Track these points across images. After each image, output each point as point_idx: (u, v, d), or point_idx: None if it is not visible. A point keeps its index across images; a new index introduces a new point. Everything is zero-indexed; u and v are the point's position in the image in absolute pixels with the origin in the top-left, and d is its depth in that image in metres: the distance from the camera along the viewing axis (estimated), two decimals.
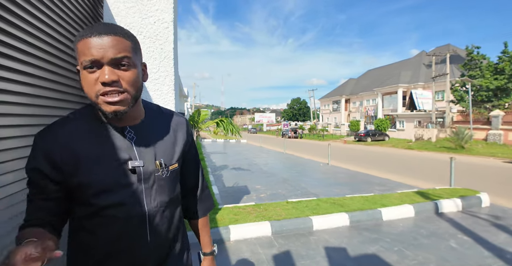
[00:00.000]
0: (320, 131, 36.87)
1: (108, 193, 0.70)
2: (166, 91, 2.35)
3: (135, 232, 0.73)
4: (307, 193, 6.05)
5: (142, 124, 0.78)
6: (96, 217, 0.71)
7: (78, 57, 0.66)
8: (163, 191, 0.78)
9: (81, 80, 0.67)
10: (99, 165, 0.69)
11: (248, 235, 3.35)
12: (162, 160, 0.78)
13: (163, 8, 2.29)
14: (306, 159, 12.92)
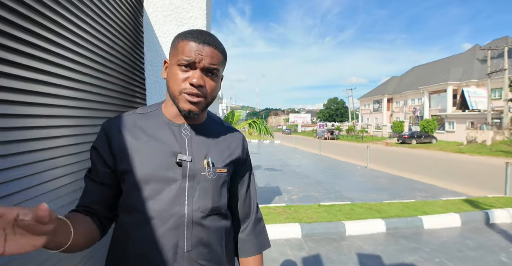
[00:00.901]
0: (359, 133, 35.34)
1: (149, 183, 0.69)
2: None
3: (170, 235, 0.68)
4: (341, 196, 5.87)
5: (200, 125, 0.79)
6: (134, 212, 0.69)
7: (173, 53, 0.71)
8: (207, 194, 0.73)
9: (170, 73, 0.72)
10: (148, 153, 0.71)
11: (277, 236, 3.36)
12: (210, 159, 0.76)
13: (197, 15, 2.40)
14: (342, 161, 12.51)
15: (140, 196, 0.68)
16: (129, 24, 2.25)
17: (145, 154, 0.71)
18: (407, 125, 32.32)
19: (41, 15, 1.10)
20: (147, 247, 0.67)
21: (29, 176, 1.00)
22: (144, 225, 0.68)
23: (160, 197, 0.69)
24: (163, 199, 0.69)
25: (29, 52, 1.04)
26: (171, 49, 0.73)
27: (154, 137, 0.73)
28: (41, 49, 1.10)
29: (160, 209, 0.68)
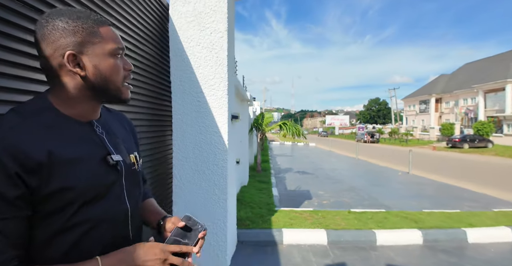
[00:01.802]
0: (403, 136, 33.10)
1: (93, 193, 0.63)
2: (220, 96, 2.50)
3: (120, 231, 0.71)
4: (376, 204, 5.53)
5: (103, 120, 0.74)
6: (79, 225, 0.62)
7: (97, 41, 0.64)
8: (137, 185, 0.77)
9: (102, 64, 0.64)
10: (78, 164, 0.62)
11: (302, 241, 3.27)
12: (135, 153, 0.77)
13: (218, 19, 2.45)
14: (381, 166, 11.81)
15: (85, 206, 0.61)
16: (156, 31, 2.37)
17: (77, 163, 0.61)
18: (458, 127, 29.44)
19: None
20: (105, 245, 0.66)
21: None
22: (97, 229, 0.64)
23: (104, 201, 0.65)
24: (107, 202, 0.66)
25: None
26: (90, 37, 0.63)
27: (75, 141, 0.64)
28: None
29: (107, 212, 0.66)
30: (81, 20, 0.62)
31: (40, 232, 0.58)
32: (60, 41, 0.60)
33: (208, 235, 2.56)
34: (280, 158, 14.74)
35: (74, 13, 0.63)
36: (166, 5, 2.53)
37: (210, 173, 2.54)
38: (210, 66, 2.50)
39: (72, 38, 0.61)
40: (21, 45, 1.04)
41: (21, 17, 1.05)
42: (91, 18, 0.64)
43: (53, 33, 0.60)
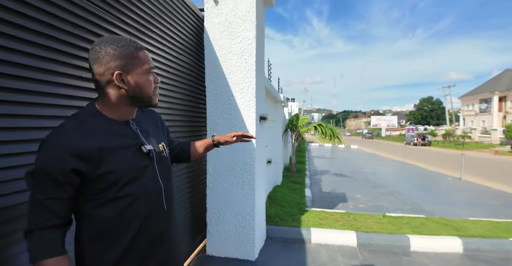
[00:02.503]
0: (459, 138, 30.01)
1: (132, 174, 0.84)
2: (249, 98, 2.69)
3: (156, 203, 0.91)
4: (418, 209, 5.24)
5: (136, 118, 0.95)
6: (123, 198, 0.82)
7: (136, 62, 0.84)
8: (167, 167, 0.99)
9: (139, 80, 0.85)
10: (120, 153, 0.83)
11: (330, 241, 3.30)
12: (163, 143, 1.00)
13: (248, 28, 2.64)
14: (430, 171, 10.96)
15: (128, 185, 0.83)
16: (193, 42, 2.65)
17: (119, 152, 0.83)
18: None
19: None
20: (145, 214, 0.87)
21: None
22: (137, 202, 0.85)
23: (141, 180, 0.87)
24: (144, 181, 0.87)
25: None
26: (129, 60, 0.83)
27: (117, 136, 0.84)
28: None
29: (143, 188, 0.87)
30: (125, 47, 0.83)
31: (96, 202, 0.81)
32: (110, 64, 0.81)
33: (238, 227, 2.77)
34: (318, 159, 14.51)
35: (120, 42, 0.83)
36: (201, 17, 2.80)
37: (240, 170, 2.74)
38: (239, 72, 2.70)
39: (120, 61, 0.81)
40: (80, 61, 1.34)
41: (78, 38, 1.34)
42: (131, 45, 0.84)
43: (105, 57, 0.81)
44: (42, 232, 0.75)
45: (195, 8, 2.69)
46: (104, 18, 1.47)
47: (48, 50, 1.16)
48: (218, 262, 2.74)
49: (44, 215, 0.75)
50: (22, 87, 1.06)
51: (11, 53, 1.02)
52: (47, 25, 1.15)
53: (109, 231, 0.82)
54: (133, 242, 0.85)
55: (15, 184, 1.04)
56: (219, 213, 2.80)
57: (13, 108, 1.04)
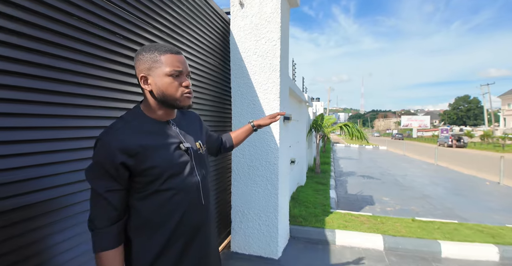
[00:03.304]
0: (499, 140, 27.81)
1: (173, 169, 0.91)
2: (272, 99, 2.72)
3: (194, 198, 0.97)
4: (451, 214, 4.97)
5: (177, 118, 1.03)
6: (165, 192, 0.90)
7: (159, 66, 0.89)
8: (204, 164, 1.06)
9: (161, 83, 0.89)
10: (162, 150, 0.91)
11: (355, 243, 3.24)
12: (200, 141, 1.07)
13: (272, 29, 2.68)
14: (465, 174, 10.30)
15: (169, 179, 0.91)
16: (219, 45, 2.74)
17: (161, 149, 0.90)
18: None
19: None
20: (185, 208, 0.94)
21: None
22: (177, 195, 0.93)
23: (182, 175, 0.94)
24: (183, 176, 0.95)
25: None
26: (151, 64, 0.89)
27: (158, 135, 0.92)
28: None
29: (184, 183, 0.95)
30: (150, 52, 0.90)
31: (141, 195, 0.90)
32: (140, 68, 0.91)
33: (262, 226, 2.81)
34: (343, 160, 14.17)
35: (151, 48, 0.91)
36: (228, 20, 2.88)
37: (263, 169, 2.79)
38: (264, 72, 2.75)
39: (145, 65, 0.90)
40: (115, 65, 1.45)
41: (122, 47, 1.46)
42: (158, 49, 0.90)
43: (138, 62, 0.91)
44: (102, 226, 0.85)
45: (222, 12, 2.77)
46: (138, 25, 1.58)
47: (89, 55, 1.28)
48: (242, 258, 2.80)
49: (105, 207, 0.85)
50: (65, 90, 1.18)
51: (59, 60, 1.14)
52: (87, 33, 1.27)
53: (151, 223, 0.90)
54: (174, 234, 0.92)
55: (72, 175, 1.17)
56: (243, 211, 2.86)
57: (56, 109, 1.16)
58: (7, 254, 0.96)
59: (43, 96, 1.08)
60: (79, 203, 1.24)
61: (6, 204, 0.96)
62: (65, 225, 1.18)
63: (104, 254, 0.85)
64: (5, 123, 0.96)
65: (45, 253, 1.09)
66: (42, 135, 1.08)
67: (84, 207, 1.27)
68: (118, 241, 0.87)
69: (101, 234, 0.85)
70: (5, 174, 0.96)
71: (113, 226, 0.86)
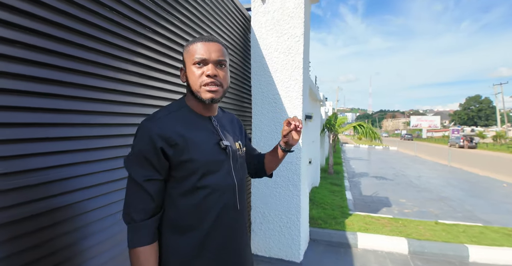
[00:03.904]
0: None
1: (210, 166, 0.85)
2: (295, 96, 2.64)
3: (230, 200, 0.90)
4: (472, 217, 4.81)
5: (219, 115, 0.98)
6: (200, 189, 0.84)
7: (188, 56, 0.86)
8: (241, 166, 0.98)
9: (188, 73, 0.86)
10: (201, 144, 0.86)
11: (378, 247, 3.13)
12: (239, 142, 1.00)
13: (295, 25, 2.60)
14: (481, 175, 10.03)
15: (205, 176, 0.85)
16: (240, 42, 2.67)
17: (200, 144, 0.85)
18: None
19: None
20: (219, 209, 0.87)
21: None
22: (213, 195, 0.86)
23: (218, 174, 0.87)
24: (220, 175, 0.88)
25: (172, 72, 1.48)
26: (185, 55, 0.87)
27: (199, 129, 0.88)
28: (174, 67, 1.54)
29: (219, 182, 0.87)
30: (186, 43, 0.89)
31: (177, 191, 0.85)
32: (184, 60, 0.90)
33: (283, 228, 2.73)
34: (354, 161, 13.98)
35: (189, 41, 0.89)
36: (248, 17, 2.81)
37: (285, 170, 2.70)
38: (286, 70, 2.66)
39: (183, 58, 0.89)
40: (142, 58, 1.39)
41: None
42: (190, 41, 0.88)
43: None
44: (139, 219, 0.80)
45: (242, 7, 2.70)
46: (165, 18, 1.52)
47: (120, 49, 1.22)
48: (262, 261, 2.72)
49: (142, 198, 0.80)
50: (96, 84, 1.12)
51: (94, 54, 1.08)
52: (119, 25, 1.21)
53: (186, 221, 0.85)
54: (208, 235, 0.86)
55: (116, 172, 1.11)
56: (263, 212, 2.78)
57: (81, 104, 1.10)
58: (46, 257, 0.90)
59: (76, 91, 1.02)
60: (114, 202, 1.18)
61: (40, 206, 0.90)
62: (102, 226, 1.12)
63: (140, 250, 0.79)
64: (40, 119, 0.90)
65: (80, 256, 1.03)
66: (76, 132, 1.02)
67: (118, 207, 1.20)
68: (154, 236, 0.82)
69: (138, 228, 0.80)
70: (41, 173, 0.90)
71: (151, 219, 0.81)
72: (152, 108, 1.40)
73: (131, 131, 1.27)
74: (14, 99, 0.83)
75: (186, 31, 1.73)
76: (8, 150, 0.82)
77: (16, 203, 0.83)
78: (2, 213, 0.79)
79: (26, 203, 0.86)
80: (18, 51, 0.83)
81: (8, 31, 0.80)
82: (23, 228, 0.85)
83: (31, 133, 0.88)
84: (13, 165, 0.83)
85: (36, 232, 0.88)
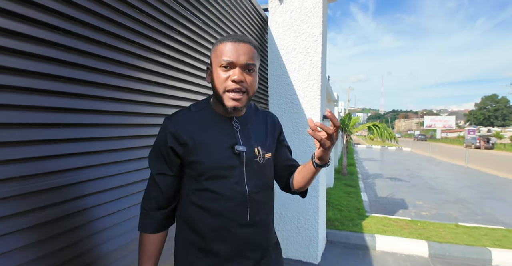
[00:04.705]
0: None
1: (217, 171, 0.81)
2: (313, 96, 2.62)
3: (237, 209, 0.82)
4: (492, 220, 4.65)
5: (244, 117, 0.90)
6: (204, 192, 0.81)
7: (215, 57, 0.80)
8: (259, 175, 0.87)
9: (214, 75, 0.80)
10: (212, 146, 0.81)
11: (398, 249, 3.06)
12: (259, 147, 0.87)
13: (314, 24, 2.58)
14: (500, 177, 9.71)
15: (210, 180, 0.81)
16: (256, 42, 2.67)
17: (210, 146, 0.81)
18: None
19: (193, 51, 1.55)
20: (222, 219, 0.81)
21: None
22: (217, 202, 0.81)
23: (226, 180, 0.81)
24: (229, 181, 0.81)
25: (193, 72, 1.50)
26: (212, 54, 0.82)
27: (214, 130, 0.83)
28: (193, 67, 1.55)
29: (227, 189, 0.81)
30: (215, 42, 0.83)
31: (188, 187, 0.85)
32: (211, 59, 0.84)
33: (300, 229, 2.71)
34: (367, 162, 13.76)
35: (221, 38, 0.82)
36: (265, 17, 2.81)
37: None
38: (304, 70, 2.65)
39: (210, 57, 0.84)
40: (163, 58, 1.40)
41: None
42: (220, 40, 0.81)
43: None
44: (148, 208, 0.86)
45: (260, 8, 2.70)
46: (186, 16, 1.53)
47: (149, 51, 1.24)
48: None
49: (153, 190, 0.85)
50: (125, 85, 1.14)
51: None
52: (148, 26, 1.23)
53: (190, 221, 0.85)
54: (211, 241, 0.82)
55: (145, 172, 1.13)
56: (281, 213, 2.77)
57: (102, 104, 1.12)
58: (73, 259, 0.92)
59: (107, 92, 1.04)
60: None
61: (72, 206, 0.92)
62: (131, 226, 1.14)
63: (144, 236, 0.85)
64: (71, 119, 0.92)
65: (108, 256, 1.04)
66: (109, 132, 1.04)
67: None
68: (159, 227, 0.86)
69: (145, 216, 0.86)
70: (72, 173, 0.92)
71: (159, 211, 0.85)
72: (170, 108, 1.41)
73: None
74: (50, 100, 0.85)
75: (207, 31, 1.74)
76: (44, 150, 0.84)
77: (48, 203, 0.84)
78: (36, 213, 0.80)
79: (59, 203, 0.87)
80: (59, 53, 0.85)
81: (46, 32, 0.83)
82: (57, 228, 0.86)
83: (66, 134, 0.90)
84: (45, 165, 0.85)
85: (68, 232, 0.90)
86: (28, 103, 0.78)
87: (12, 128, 0.75)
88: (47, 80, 0.83)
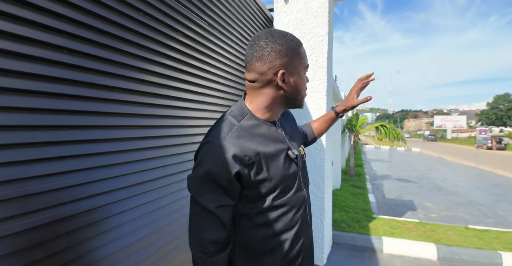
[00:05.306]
0: None
1: (286, 182, 0.75)
2: (319, 97, 2.60)
3: (302, 215, 0.80)
4: (504, 222, 4.54)
5: (280, 118, 0.85)
6: (275, 209, 0.74)
7: (299, 59, 0.75)
8: (306, 173, 0.88)
9: (297, 79, 0.76)
10: (275, 158, 0.74)
11: (405, 252, 3.02)
12: (302, 146, 0.89)
13: (319, 24, 2.56)
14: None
15: (281, 194, 0.75)
16: None
17: (273, 158, 0.74)
18: None
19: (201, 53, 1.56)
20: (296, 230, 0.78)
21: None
22: (289, 213, 0.77)
23: (293, 188, 0.78)
24: (294, 189, 0.78)
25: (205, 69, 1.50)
26: (294, 57, 0.73)
27: (270, 140, 0.76)
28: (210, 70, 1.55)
29: (294, 198, 0.78)
30: (290, 43, 0.73)
31: (250, 211, 0.75)
32: (276, 62, 0.71)
33: None
34: (375, 163, 13.60)
35: (286, 36, 0.73)
36: (271, 18, 2.80)
37: (309, 171, 2.66)
38: (310, 69, 2.63)
39: (285, 59, 0.72)
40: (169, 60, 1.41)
41: None
42: (294, 40, 0.75)
43: (271, 54, 0.71)
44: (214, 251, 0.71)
45: (265, 8, 2.69)
46: (190, 18, 1.54)
47: (154, 53, 1.25)
48: None
49: (214, 227, 0.70)
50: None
51: None
52: (152, 29, 1.24)
53: (259, 246, 0.75)
54: (284, 259, 0.77)
55: (150, 172, 1.14)
56: None
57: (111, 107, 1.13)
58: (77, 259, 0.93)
59: (112, 94, 1.05)
60: (147, 203, 1.21)
61: (78, 207, 0.93)
62: (135, 226, 1.15)
63: None
64: (77, 121, 0.93)
65: (112, 256, 1.06)
66: (115, 134, 1.06)
67: (148, 207, 1.23)
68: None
69: (213, 263, 0.70)
70: (78, 174, 0.93)
71: (222, 254, 0.71)
72: (176, 110, 1.42)
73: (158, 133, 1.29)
74: (60, 102, 0.86)
75: (211, 32, 1.74)
76: (56, 151, 0.85)
77: (54, 204, 0.86)
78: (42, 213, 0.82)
79: (65, 204, 0.89)
80: (71, 58, 0.87)
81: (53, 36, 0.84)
82: (63, 228, 0.88)
83: (72, 136, 0.91)
84: (52, 166, 0.86)
85: (73, 232, 0.92)
86: (34, 106, 0.79)
87: (19, 131, 0.76)
88: (53, 83, 0.84)
